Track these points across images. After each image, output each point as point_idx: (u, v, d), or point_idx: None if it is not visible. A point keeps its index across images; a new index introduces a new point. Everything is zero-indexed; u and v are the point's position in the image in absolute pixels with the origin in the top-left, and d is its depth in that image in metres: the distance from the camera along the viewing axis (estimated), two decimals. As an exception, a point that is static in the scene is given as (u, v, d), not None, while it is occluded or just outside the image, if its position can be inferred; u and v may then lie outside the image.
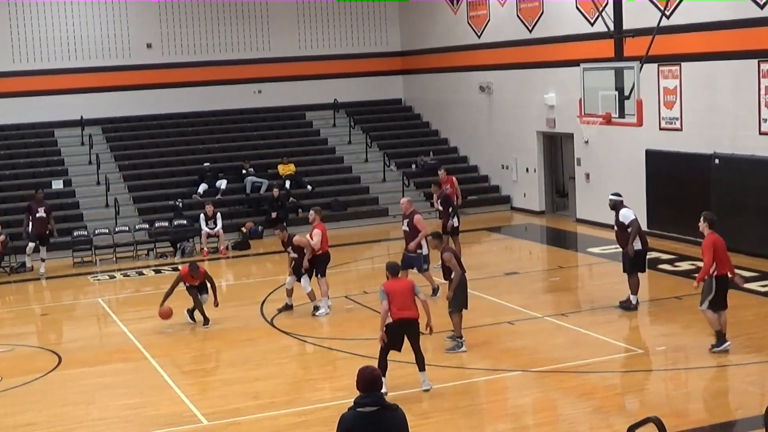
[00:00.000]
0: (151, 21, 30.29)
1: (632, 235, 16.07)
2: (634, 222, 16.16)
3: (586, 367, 13.48)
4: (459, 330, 14.38)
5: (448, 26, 30.24)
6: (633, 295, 16.32)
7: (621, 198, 16.63)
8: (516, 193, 27.99)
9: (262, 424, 11.98)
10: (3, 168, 27.53)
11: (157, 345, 15.82)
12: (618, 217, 16.33)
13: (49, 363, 15.04)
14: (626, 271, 16.42)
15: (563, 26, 24.97)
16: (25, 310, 19.79)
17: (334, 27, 32.18)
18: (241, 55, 31.17)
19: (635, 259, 16.20)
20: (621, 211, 16.31)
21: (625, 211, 16.31)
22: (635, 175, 22.66)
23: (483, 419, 11.97)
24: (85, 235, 23.87)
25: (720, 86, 20.60)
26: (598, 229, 23.65)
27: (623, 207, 16.42)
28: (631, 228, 16.10)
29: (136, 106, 30.05)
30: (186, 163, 28.71)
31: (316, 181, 28.40)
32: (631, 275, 16.30)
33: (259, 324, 16.87)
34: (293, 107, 31.73)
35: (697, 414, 11.71)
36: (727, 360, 13.44)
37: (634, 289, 16.30)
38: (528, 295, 17.87)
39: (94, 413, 12.73)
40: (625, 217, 16.23)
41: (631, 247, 16.04)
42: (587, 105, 18.76)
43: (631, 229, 16.09)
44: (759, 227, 19.67)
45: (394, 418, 7.14)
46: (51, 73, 29.28)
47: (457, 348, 14.35)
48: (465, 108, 29.85)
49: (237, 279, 22.02)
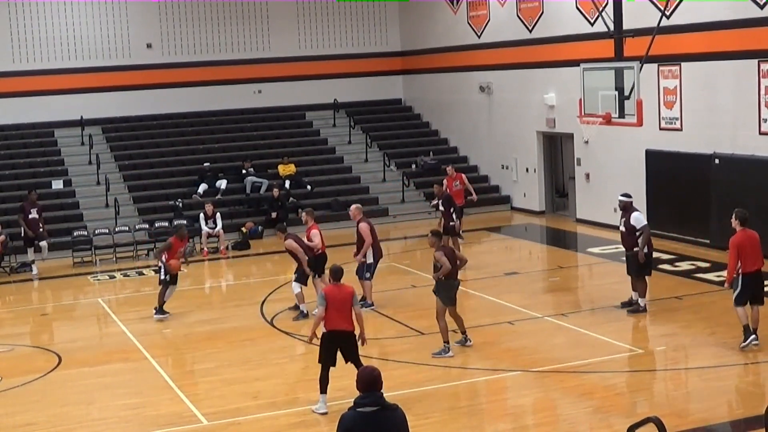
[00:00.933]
0: (151, 21, 30.29)
1: (644, 240, 15.80)
2: (645, 227, 15.91)
3: (586, 367, 13.48)
4: (446, 335, 14.16)
5: (448, 26, 30.24)
6: (642, 298, 16.14)
7: (631, 199, 16.35)
8: (516, 193, 27.99)
9: (262, 424, 11.99)
10: (3, 168, 27.53)
11: (157, 345, 15.83)
12: (629, 220, 16.00)
13: (49, 363, 15.04)
14: (631, 273, 16.24)
15: (563, 26, 24.97)
16: (25, 310, 19.78)
17: (334, 27, 32.18)
18: (241, 55, 31.17)
19: (646, 262, 15.97)
20: (633, 215, 15.99)
21: (638, 215, 16.05)
22: (635, 175, 22.65)
23: (483, 419, 11.97)
24: (85, 235, 23.87)
25: (720, 86, 20.60)
26: (598, 229, 23.66)
27: (635, 210, 16.17)
28: (642, 233, 15.84)
29: (136, 106, 30.06)
30: (186, 163, 28.71)
31: (316, 181, 28.41)
32: (639, 279, 16.15)
33: (259, 324, 16.87)
34: (293, 107, 31.73)
35: (697, 414, 11.71)
36: (727, 360, 13.45)
37: (642, 293, 16.13)
38: (528, 295, 17.87)
39: (94, 413, 12.73)
40: (638, 221, 15.95)
41: (641, 253, 15.79)
42: (587, 105, 18.76)
43: (643, 235, 15.83)
44: (759, 227, 19.57)
45: (394, 418, 7.15)
46: (51, 73, 29.28)
47: (443, 353, 14.19)
48: (465, 108, 29.85)
49: (237, 279, 22.03)
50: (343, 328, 11.90)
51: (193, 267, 22.79)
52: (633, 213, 16.06)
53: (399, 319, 16.49)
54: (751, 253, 13.66)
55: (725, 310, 16.07)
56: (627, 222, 16.05)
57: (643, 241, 15.81)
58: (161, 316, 17.23)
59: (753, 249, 13.70)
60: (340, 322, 11.84)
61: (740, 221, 13.84)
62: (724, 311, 16.04)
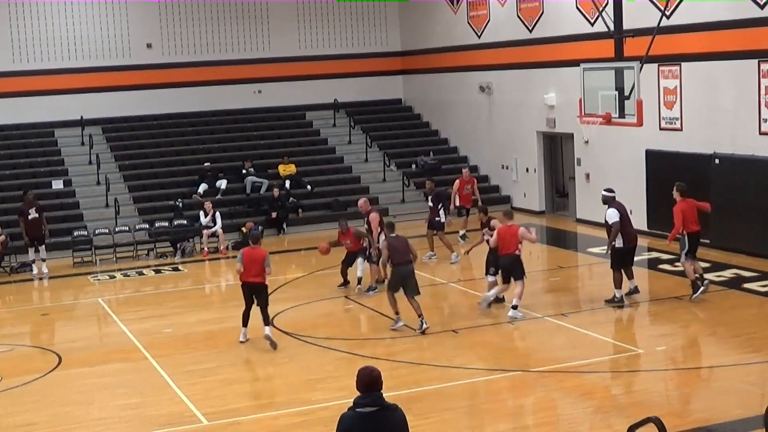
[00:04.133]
0: (151, 21, 30.29)
1: (612, 235, 16.48)
2: (616, 224, 16.46)
3: (586, 367, 13.48)
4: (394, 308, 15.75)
5: (448, 26, 30.24)
6: (616, 289, 16.65)
7: (613, 194, 16.92)
8: (516, 193, 27.99)
9: (262, 424, 11.98)
10: (3, 168, 27.53)
11: (157, 345, 15.82)
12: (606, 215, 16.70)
13: (49, 363, 15.04)
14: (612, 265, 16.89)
15: (563, 26, 24.97)
16: (25, 310, 19.78)
17: (334, 27, 32.18)
18: (241, 55, 31.16)
19: (616, 256, 16.60)
20: (608, 210, 16.61)
21: (611, 212, 16.56)
22: (635, 175, 22.65)
23: (483, 419, 11.97)
24: (85, 235, 23.87)
25: (720, 86, 20.59)
26: (598, 229, 23.56)
27: (612, 206, 16.64)
28: (612, 228, 16.48)
29: (136, 106, 30.06)
30: (186, 163, 28.71)
31: (316, 181, 28.40)
32: (613, 270, 16.72)
33: (259, 324, 16.80)
34: (293, 107, 31.72)
35: (697, 414, 11.72)
36: (727, 360, 13.45)
37: (616, 283, 16.66)
38: (528, 295, 17.82)
39: (94, 413, 12.72)
40: (610, 217, 16.54)
41: (610, 245, 16.56)
42: (587, 105, 18.77)
43: (612, 230, 16.48)
44: (759, 227, 19.67)
45: (393, 418, 7.14)
46: (51, 73, 29.28)
47: (395, 323, 15.80)
48: (465, 108, 29.85)
49: (237, 279, 21.93)
50: (254, 281, 15.24)
51: (193, 267, 22.84)
52: (608, 210, 16.65)
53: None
54: (692, 217, 16.44)
55: (725, 310, 16.13)
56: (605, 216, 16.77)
57: (611, 236, 16.52)
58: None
59: (693, 214, 16.46)
60: (251, 277, 15.21)
61: (680, 192, 16.53)
62: (724, 311, 16.09)
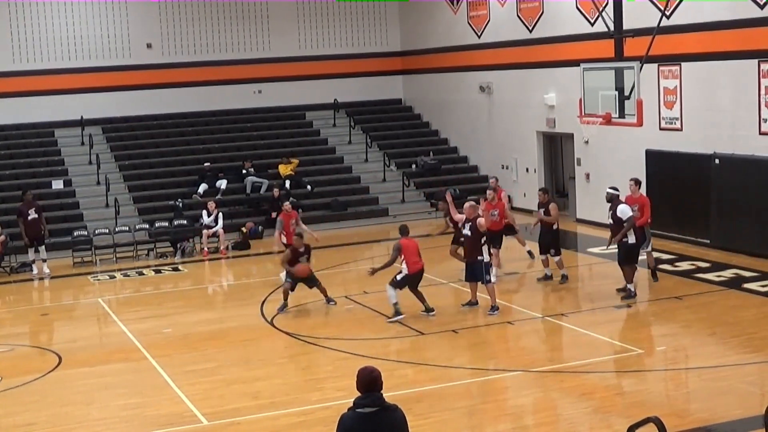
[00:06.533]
0: (151, 21, 30.29)
1: (626, 229, 16.45)
2: (630, 218, 16.50)
3: (586, 367, 13.47)
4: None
5: (448, 26, 30.23)
6: (629, 283, 16.76)
7: (618, 192, 16.97)
8: (516, 193, 27.97)
9: (262, 424, 11.98)
10: (3, 168, 27.53)
11: (157, 345, 15.82)
12: (616, 212, 16.63)
13: (49, 363, 15.04)
14: (620, 262, 16.92)
15: (563, 26, 24.96)
16: (25, 310, 19.78)
17: (334, 27, 32.18)
18: (241, 55, 31.17)
19: (627, 252, 16.64)
20: (619, 207, 16.61)
21: (624, 207, 16.62)
22: (635, 175, 22.54)
23: (483, 419, 11.96)
24: (85, 235, 23.87)
25: (720, 86, 20.59)
26: (598, 229, 23.62)
27: (621, 202, 16.73)
28: (626, 223, 16.46)
29: (136, 106, 30.06)
30: (186, 163, 28.71)
31: (316, 181, 28.40)
32: (624, 266, 16.77)
33: (260, 324, 16.86)
34: (293, 107, 31.73)
35: (697, 414, 11.71)
36: (727, 360, 13.45)
37: (628, 278, 16.75)
38: (528, 295, 17.87)
39: (94, 413, 12.72)
40: (623, 212, 16.53)
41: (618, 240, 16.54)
42: (587, 105, 18.77)
43: (626, 224, 16.45)
44: (759, 227, 19.66)
45: (393, 418, 7.13)
46: (51, 73, 29.29)
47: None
48: (465, 108, 29.85)
49: (237, 279, 22.03)
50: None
51: (193, 267, 22.84)
52: (619, 205, 16.64)
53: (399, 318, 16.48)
54: (647, 211, 17.47)
55: (725, 310, 16.12)
56: (614, 214, 16.68)
57: (624, 230, 16.45)
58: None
59: (648, 208, 17.54)
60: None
61: (639, 186, 17.84)
62: (724, 311, 16.08)
